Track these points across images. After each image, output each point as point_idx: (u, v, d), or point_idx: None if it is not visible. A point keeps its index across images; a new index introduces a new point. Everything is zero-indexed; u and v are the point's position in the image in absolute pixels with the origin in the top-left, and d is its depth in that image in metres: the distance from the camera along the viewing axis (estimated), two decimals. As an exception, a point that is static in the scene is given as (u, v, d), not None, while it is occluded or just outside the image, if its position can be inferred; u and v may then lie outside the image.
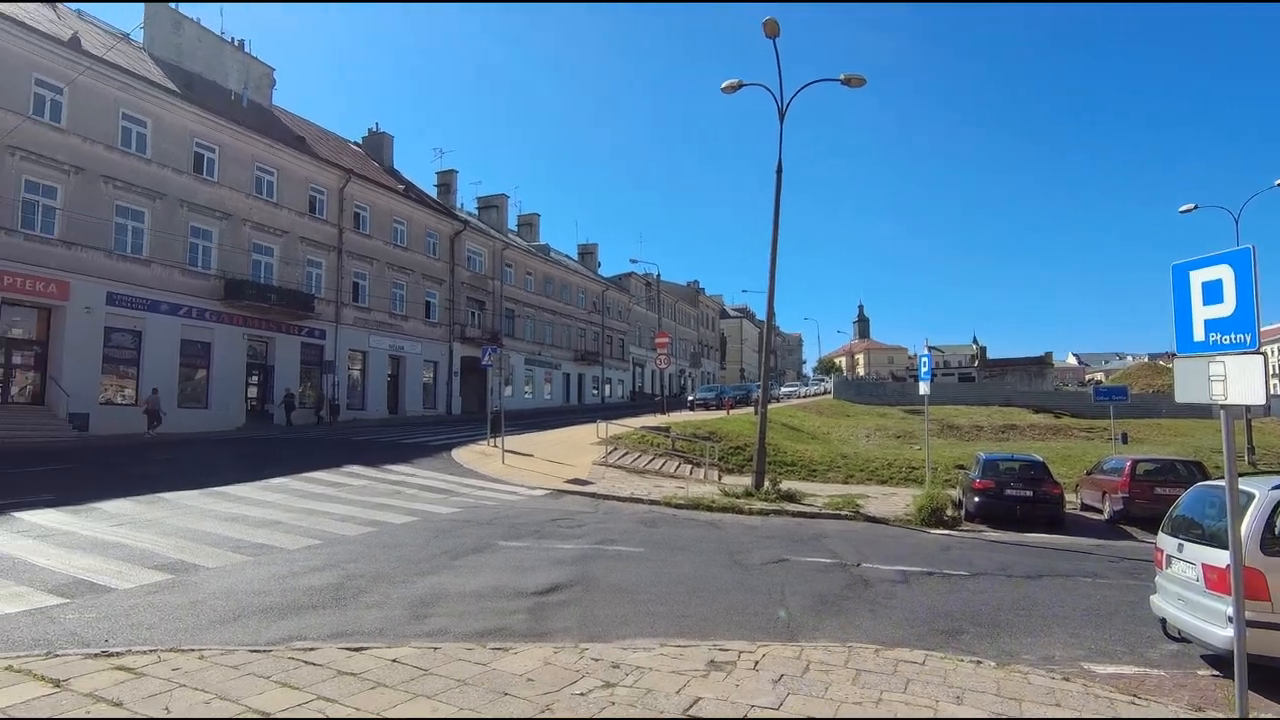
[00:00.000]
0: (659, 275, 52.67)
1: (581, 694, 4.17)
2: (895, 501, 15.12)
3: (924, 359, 18.38)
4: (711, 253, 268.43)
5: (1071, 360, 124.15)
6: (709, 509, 12.99)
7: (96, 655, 4.55)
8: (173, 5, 26.92)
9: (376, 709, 3.84)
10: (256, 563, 7.69)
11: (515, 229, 50.63)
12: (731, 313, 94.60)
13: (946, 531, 12.34)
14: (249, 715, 3.68)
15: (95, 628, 5.43)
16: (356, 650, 4.76)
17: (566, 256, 55.85)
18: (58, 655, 4.55)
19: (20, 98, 19.32)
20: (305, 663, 4.47)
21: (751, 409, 30.81)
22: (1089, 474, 16.49)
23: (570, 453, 19.05)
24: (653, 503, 13.36)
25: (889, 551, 10.00)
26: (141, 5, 27.36)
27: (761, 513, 12.87)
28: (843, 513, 13.16)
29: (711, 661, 4.82)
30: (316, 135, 33.29)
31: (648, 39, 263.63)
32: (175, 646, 4.80)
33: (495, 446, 18.81)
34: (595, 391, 53.18)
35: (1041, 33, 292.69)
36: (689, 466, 18.80)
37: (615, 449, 19.26)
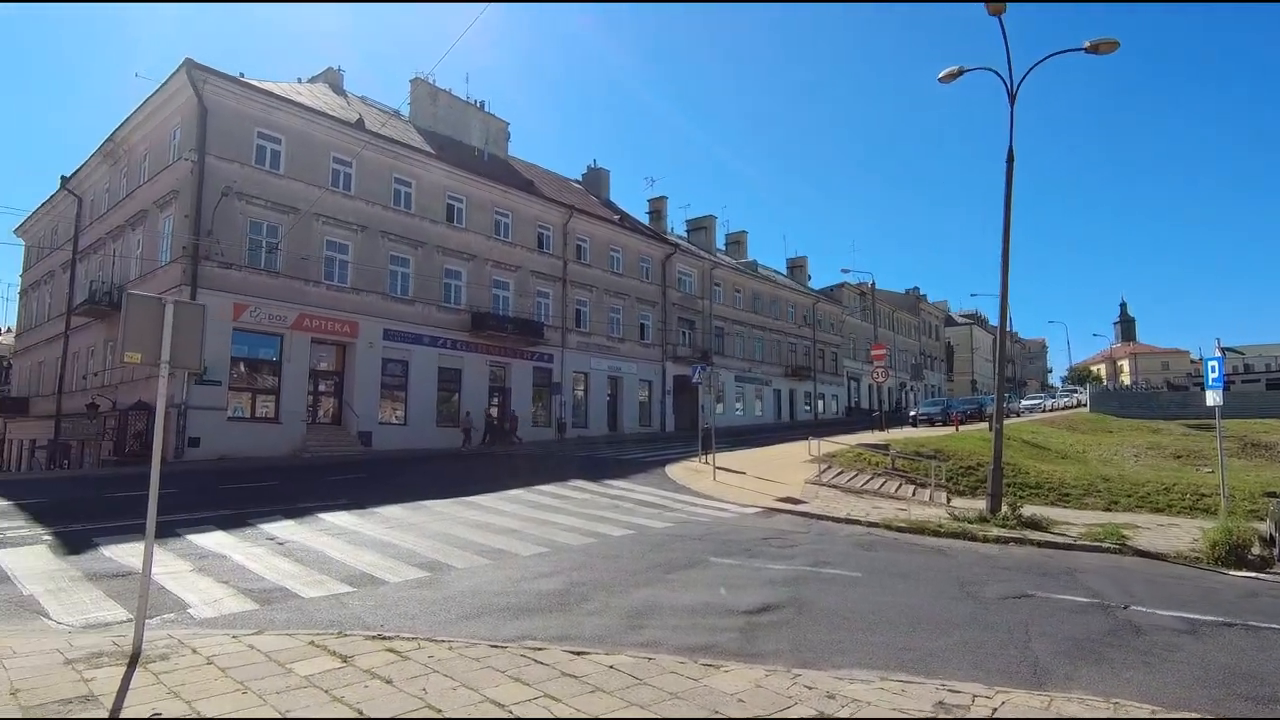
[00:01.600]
0: (874, 284, 50.02)
1: (792, 721, 4.05)
2: (1176, 534, 12.72)
3: (1213, 363, 15.26)
4: (932, 257, 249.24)
5: None
6: (935, 534, 11.96)
7: (374, 638, 5.37)
8: (429, 80, 31.47)
9: (595, 712, 4.07)
10: (496, 566, 8.55)
11: (723, 247, 51.33)
12: (958, 319, 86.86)
13: (1251, 574, 10.10)
14: (486, 704, 4.11)
15: (373, 614, 6.42)
16: (578, 654, 5.09)
17: (775, 271, 55.31)
18: (346, 635, 5.45)
19: (322, 174, 23.83)
20: (535, 661, 4.88)
21: (985, 424, 27.93)
22: None
23: (781, 470, 18.70)
24: (870, 524, 12.62)
25: (1168, 594, 8.43)
26: (407, 83, 32.35)
27: (999, 540, 11.56)
28: (1104, 544, 11.35)
29: (940, 703, 4.42)
30: (543, 177, 36.72)
31: (853, 41, 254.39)
32: (431, 636, 5.50)
33: (706, 463, 19.07)
34: (807, 408, 51.74)
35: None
36: (911, 487, 17.49)
37: (829, 467, 18.54)
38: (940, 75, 14.44)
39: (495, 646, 5.24)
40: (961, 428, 29.13)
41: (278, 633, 5.51)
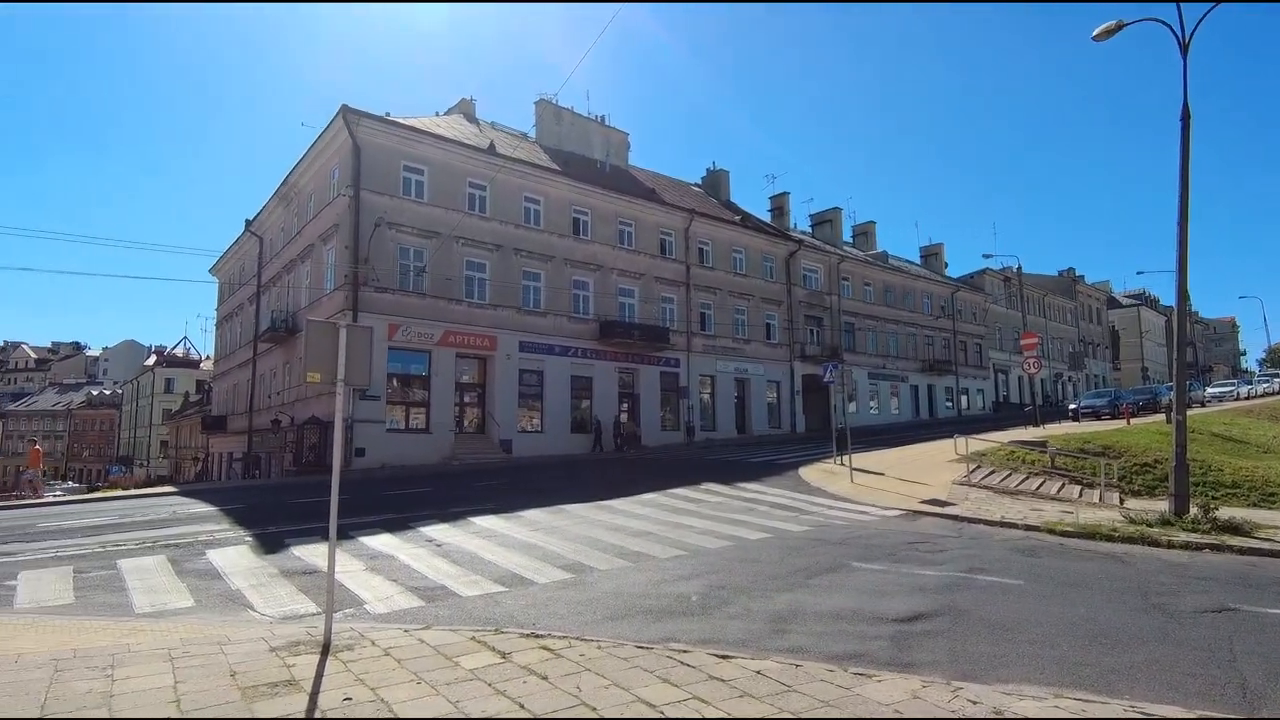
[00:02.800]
0: (1019, 267, 46.20)
1: (956, 737, 3.83)
2: None
3: None
4: (1087, 235, 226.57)
5: None
6: (1108, 538, 10.85)
7: (527, 635, 5.66)
8: (552, 100, 32.82)
9: (746, 716, 4.06)
10: (636, 568, 8.74)
11: (850, 240, 49.50)
12: (1123, 301, 78.44)
13: None
14: (638, 704, 4.21)
15: (525, 613, 6.77)
16: (723, 658, 5.10)
17: (907, 262, 52.57)
18: (503, 633, 5.79)
19: (460, 199, 25.51)
20: (681, 663, 4.95)
21: (1162, 416, 24.99)
22: None
23: (924, 471, 17.71)
24: (1030, 528, 11.66)
25: None
26: (533, 105, 33.92)
27: (1189, 546, 10.30)
28: (1325, 553, 9.81)
29: (1125, 726, 4.02)
30: (663, 184, 37.15)
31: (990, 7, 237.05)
32: (580, 636, 5.72)
33: (842, 464, 18.43)
34: (949, 404, 48.60)
35: None
36: (1076, 487, 15.98)
37: (978, 466, 17.33)
38: (1096, 33, 13.19)
39: (641, 647, 5.36)
40: (1134, 420, 26.23)
41: (442, 628, 5.95)
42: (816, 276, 40.55)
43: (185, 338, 74.45)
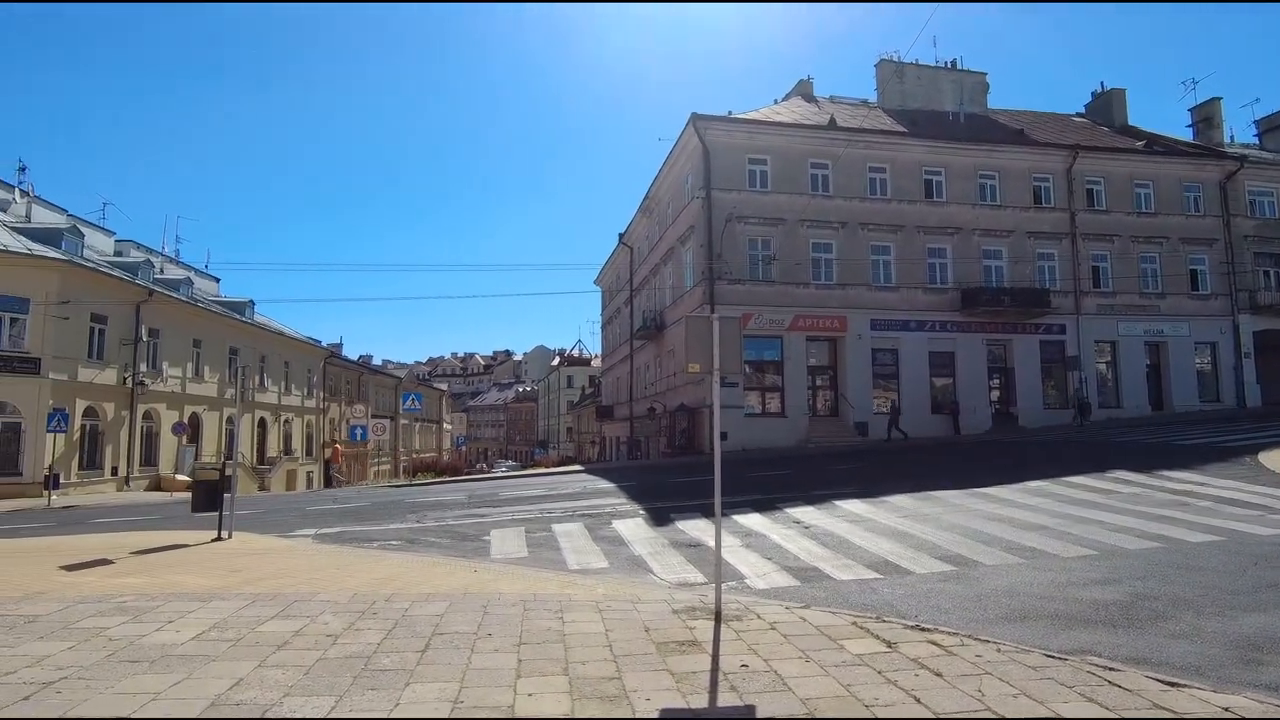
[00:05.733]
0: None
1: None
2: None
3: None
4: None
5: None
6: None
7: (911, 628, 5.44)
8: (894, 59, 30.78)
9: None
10: (1031, 566, 7.74)
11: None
12: None
13: None
14: (1055, 721, 3.73)
15: (904, 603, 6.50)
16: (1171, 685, 4.21)
17: None
18: (884, 621, 5.65)
19: (803, 182, 25.66)
20: (1109, 683, 4.23)
21: None
22: None
23: None
24: None
25: None
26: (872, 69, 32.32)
27: None
28: None
29: None
30: (1032, 121, 32.08)
31: None
32: (972, 635, 5.28)
33: (1336, 450, 13.70)
34: None
35: None
36: None
37: None
38: None
39: (1051, 656, 4.73)
40: None
41: (821, 609, 6.05)
42: (1270, 201, 30.81)
43: (579, 341, 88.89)
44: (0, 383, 21.93)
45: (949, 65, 31.77)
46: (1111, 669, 4.50)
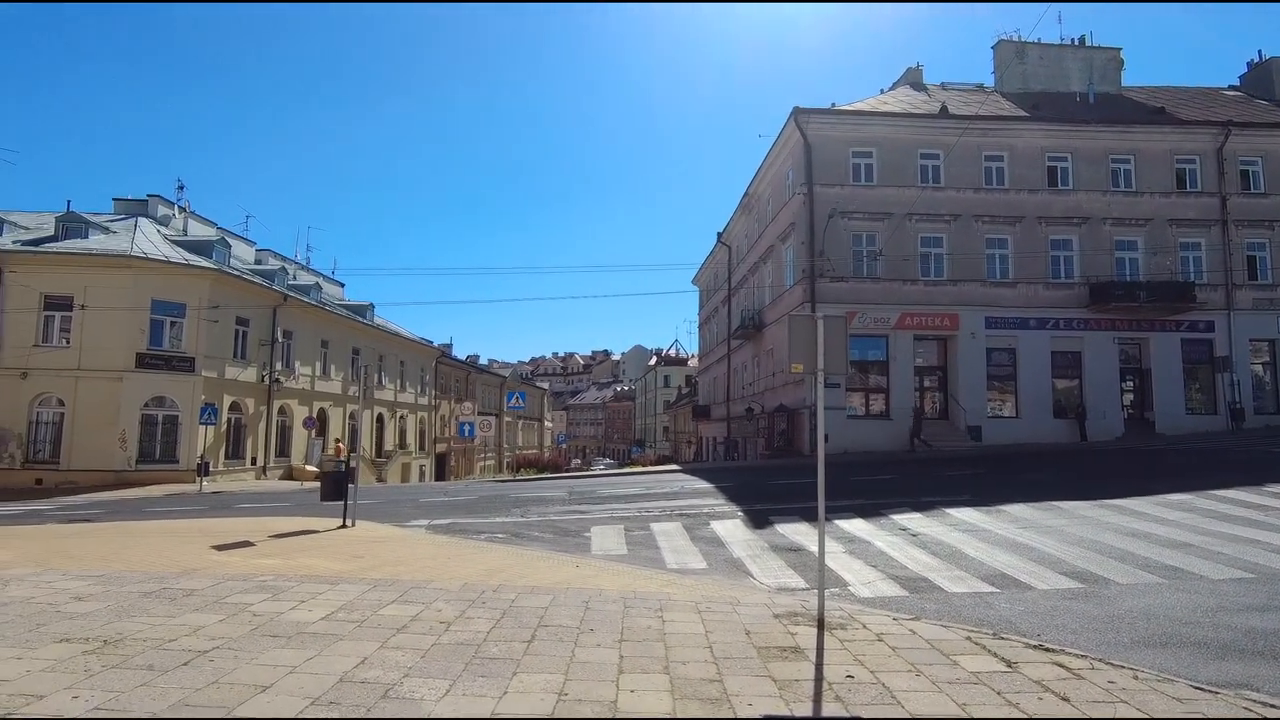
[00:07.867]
0: None
1: None
2: None
3: None
4: None
5: None
6: None
7: (1034, 647, 5.09)
8: (1013, 39, 28.91)
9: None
10: (1172, 587, 7.07)
11: None
12: None
13: None
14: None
15: (1025, 620, 6.09)
16: (1343, 729, 3.74)
17: None
18: (1002, 638, 5.32)
19: (911, 174, 24.56)
20: (1267, 722, 3.80)
21: None
22: None
23: None
24: None
25: None
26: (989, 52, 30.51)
27: None
28: None
29: None
30: (1174, 98, 29.21)
31: None
32: (1104, 659, 4.88)
33: None
34: None
35: None
36: None
37: None
38: None
39: (1199, 688, 4.30)
40: None
41: (931, 622, 5.78)
42: None
43: (676, 340, 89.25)
44: (163, 379, 24.52)
45: (1076, 42, 29.51)
46: (1272, 706, 4.04)
